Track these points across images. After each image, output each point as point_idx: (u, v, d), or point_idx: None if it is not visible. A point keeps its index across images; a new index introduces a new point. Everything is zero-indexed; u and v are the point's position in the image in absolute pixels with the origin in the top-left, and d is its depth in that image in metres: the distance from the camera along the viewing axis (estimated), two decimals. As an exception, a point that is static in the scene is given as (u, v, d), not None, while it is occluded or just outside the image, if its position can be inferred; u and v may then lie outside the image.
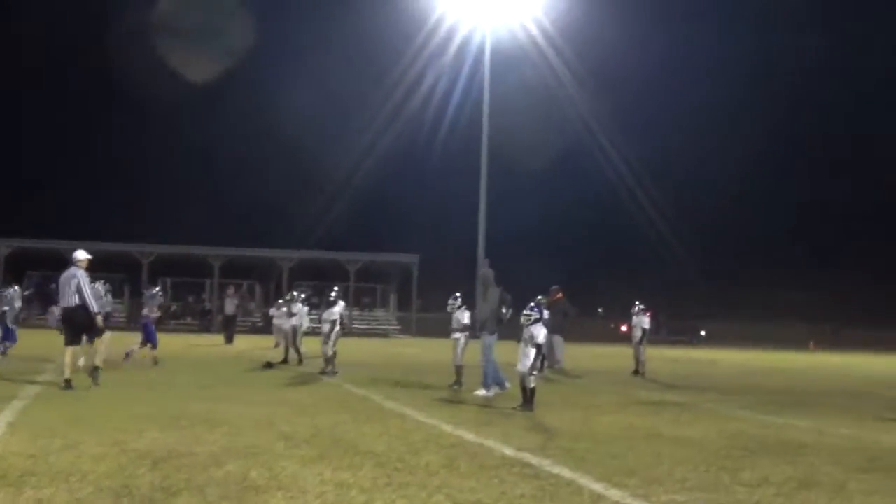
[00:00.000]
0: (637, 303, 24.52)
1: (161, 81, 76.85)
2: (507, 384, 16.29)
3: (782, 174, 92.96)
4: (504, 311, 16.81)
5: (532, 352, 13.53)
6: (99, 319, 15.45)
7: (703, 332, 71.36)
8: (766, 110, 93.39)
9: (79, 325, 15.26)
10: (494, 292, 16.93)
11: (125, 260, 56.28)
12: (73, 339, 15.19)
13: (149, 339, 20.78)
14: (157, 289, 24.65)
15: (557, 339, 24.59)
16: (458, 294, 17.96)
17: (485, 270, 17.83)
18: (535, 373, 13.69)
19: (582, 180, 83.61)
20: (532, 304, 14.21)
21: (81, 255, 15.66)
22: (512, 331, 15.13)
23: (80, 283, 15.14)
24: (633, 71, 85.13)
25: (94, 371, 15.72)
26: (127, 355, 20.36)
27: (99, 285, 19.83)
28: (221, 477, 7.58)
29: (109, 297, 20.99)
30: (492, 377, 16.36)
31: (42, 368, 18.62)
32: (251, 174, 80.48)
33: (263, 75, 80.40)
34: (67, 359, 14.92)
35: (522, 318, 13.95)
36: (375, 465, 8.37)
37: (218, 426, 10.64)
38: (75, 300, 15.04)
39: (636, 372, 23.52)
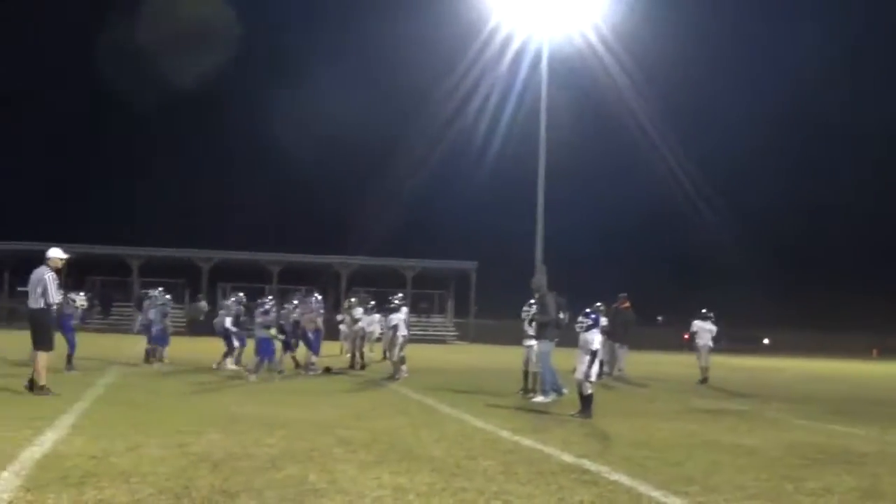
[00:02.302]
0: (703, 310, 24.05)
1: (227, 84, 77.90)
2: (565, 390, 16.22)
3: (845, 179, 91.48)
4: (561, 315, 16.73)
5: (587, 359, 13.46)
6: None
7: (766, 341, 70.44)
8: (829, 115, 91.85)
9: (44, 328, 14.05)
10: (550, 298, 16.84)
11: (185, 265, 57.05)
12: (41, 344, 13.92)
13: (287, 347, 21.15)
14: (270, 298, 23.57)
15: (621, 347, 24.44)
16: (532, 301, 17.87)
17: (538, 276, 17.69)
18: (591, 379, 13.60)
19: (639, 187, 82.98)
20: (588, 310, 14.12)
21: (53, 253, 14.27)
22: (572, 337, 15.02)
23: (46, 284, 13.89)
24: (696, 78, 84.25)
25: (37, 388, 13.84)
26: (310, 367, 21.13)
27: (78, 295, 20.05)
28: (280, 480, 7.62)
29: (81, 304, 20.31)
30: (550, 383, 16.31)
31: (105, 371, 18.91)
32: (308, 181, 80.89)
33: (320, 80, 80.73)
34: (40, 364, 13.77)
35: (577, 325, 13.90)
36: (432, 470, 8.36)
37: (276, 429, 10.70)
38: (41, 303, 13.92)
39: (703, 380, 23.01)
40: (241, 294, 23.17)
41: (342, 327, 28.26)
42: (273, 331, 19.96)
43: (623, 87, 59.74)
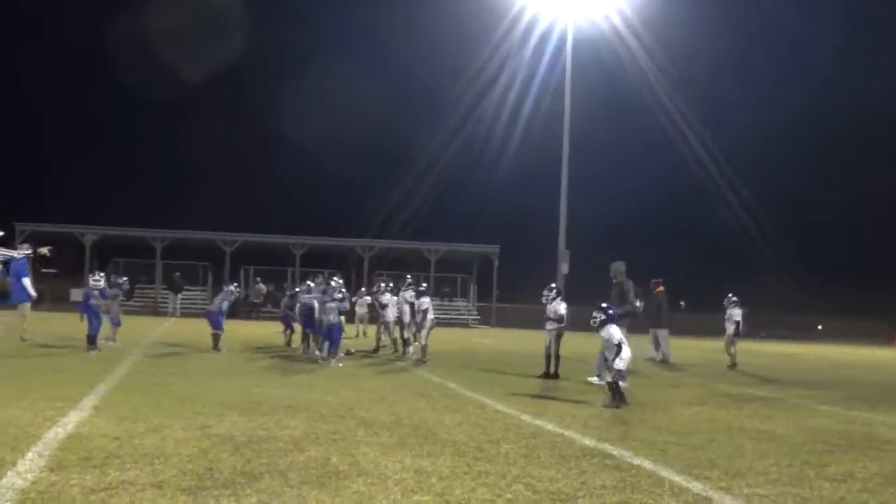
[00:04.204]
0: (730, 295, 23.94)
1: (252, 67, 77.96)
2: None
3: (871, 162, 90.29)
4: (638, 303, 16.84)
5: (614, 351, 13.22)
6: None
7: (819, 327, 69.68)
8: (855, 99, 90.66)
9: None
10: (629, 285, 16.97)
11: (209, 247, 57.22)
12: None
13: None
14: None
15: (662, 332, 24.46)
16: (553, 285, 18.00)
17: (617, 263, 17.67)
18: (619, 368, 13.30)
19: (663, 173, 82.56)
20: (603, 304, 13.87)
21: None
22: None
23: None
24: (721, 62, 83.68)
25: None
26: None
27: (95, 276, 20.16)
28: (303, 462, 7.64)
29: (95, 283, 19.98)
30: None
31: (129, 353, 19.00)
32: (332, 164, 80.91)
33: (345, 64, 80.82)
34: None
35: (591, 321, 13.59)
36: (454, 453, 8.37)
37: (299, 412, 10.74)
38: None
39: (732, 365, 23.02)
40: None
41: (358, 310, 28.25)
42: (343, 317, 20.12)
43: (647, 71, 59.55)
